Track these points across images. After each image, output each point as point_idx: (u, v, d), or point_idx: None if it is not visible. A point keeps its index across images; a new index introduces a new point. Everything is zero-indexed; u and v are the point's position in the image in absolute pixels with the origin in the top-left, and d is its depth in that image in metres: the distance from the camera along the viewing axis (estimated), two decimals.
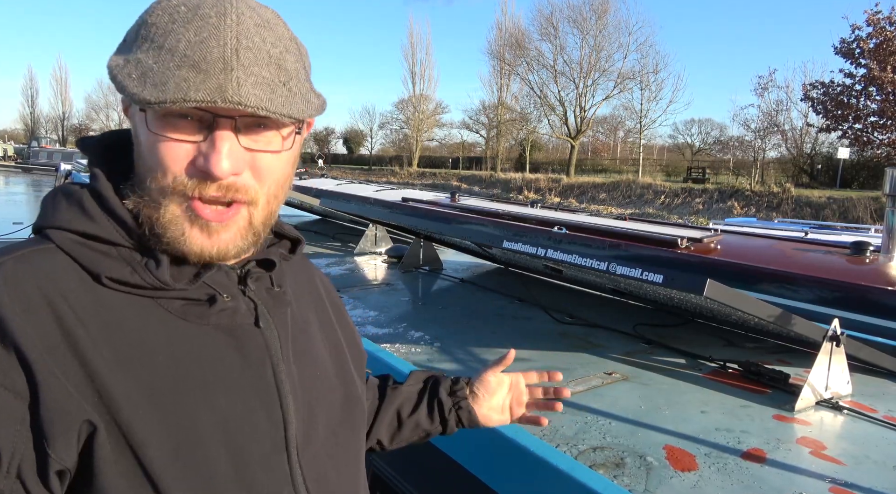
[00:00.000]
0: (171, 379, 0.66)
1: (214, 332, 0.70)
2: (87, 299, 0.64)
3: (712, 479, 1.44)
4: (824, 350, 1.90)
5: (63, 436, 0.60)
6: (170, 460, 0.64)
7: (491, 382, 1.17)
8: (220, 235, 0.69)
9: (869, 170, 27.01)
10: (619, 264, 1.93)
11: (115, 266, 0.66)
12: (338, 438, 0.82)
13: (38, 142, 56.77)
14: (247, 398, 0.70)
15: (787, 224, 8.52)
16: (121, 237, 0.68)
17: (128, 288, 0.67)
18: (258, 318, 0.74)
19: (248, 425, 0.69)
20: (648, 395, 1.95)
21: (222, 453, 0.67)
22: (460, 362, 2.26)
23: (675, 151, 46.60)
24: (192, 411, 0.66)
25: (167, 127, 0.65)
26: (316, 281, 0.94)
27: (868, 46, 22.24)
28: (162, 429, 0.64)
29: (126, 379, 0.63)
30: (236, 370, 0.70)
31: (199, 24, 0.64)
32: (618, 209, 24.14)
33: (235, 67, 0.64)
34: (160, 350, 0.66)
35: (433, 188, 28.10)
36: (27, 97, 70.45)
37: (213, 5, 0.66)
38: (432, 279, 3.80)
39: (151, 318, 0.67)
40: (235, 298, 0.73)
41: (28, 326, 0.60)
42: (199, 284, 0.70)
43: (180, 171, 0.66)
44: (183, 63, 0.63)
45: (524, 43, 40.57)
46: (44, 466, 0.59)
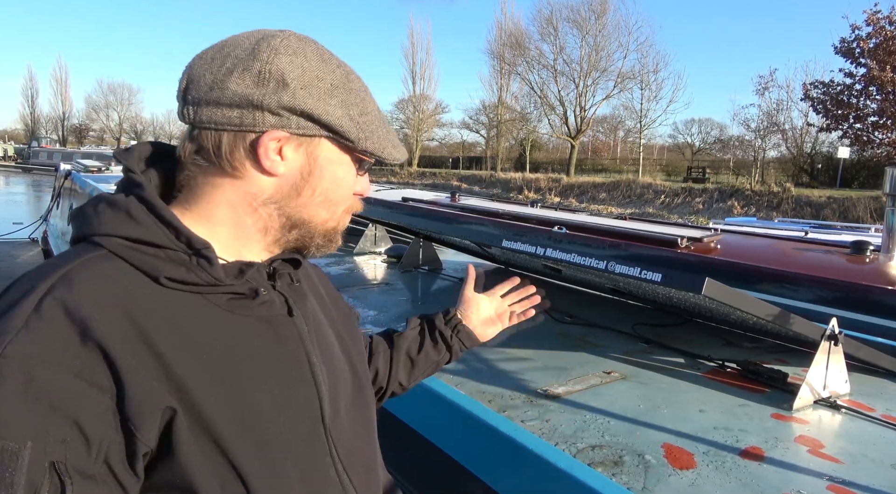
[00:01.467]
0: (228, 365, 0.74)
1: (256, 323, 0.79)
2: (149, 298, 0.71)
3: (710, 477, 1.45)
4: (822, 349, 1.90)
5: (149, 421, 0.67)
6: (238, 437, 0.72)
7: (472, 301, 1.38)
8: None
9: (869, 169, 27.02)
10: (618, 263, 1.94)
11: (169, 266, 0.73)
12: (355, 412, 0.91)
13: (38, 142, 56.81)
14: (289, 380, 0.79)
15: (788, 223, 8.53)
16: (170, 241, 0.74)
17: (184, 286, 0.74)
18: (290, 309, 0.83)
19: (293, 403, 0.79)
20: (647, 394, 1.95)
21: (279, 430, 0.76)
22: (460, 361, 2.25)
23: (675, 151, 46.61)
24: (249, 394, 0.74)
25: (362, 169, 0.88)
26: (312, 274, 1.03)
27: (868, 46, 22.25)
28: (227, 410, 0.72)
29: (193, 366, 0.71)
30: (277, 356, 0.79)
31: (364, 94, 0.85)
32: (618, 209, 24.14)
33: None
34: (216, 340, 0.74)
35: (433, 188, 28.11)
36: (27, 97, 70.41)
37: (352, 72, 0.86)
38: (432, 279, 3.80)
39: (205, 312, 0.75)
40: (270, 292, 0.82)
41: (106, 326, 0.66)
42: (242, 280, 0.79)
43: (352, 196, 0.89)
44: (389, 129, 0.88)
45: (524, 43, 40.58)
46: (132, 450, 0.66)
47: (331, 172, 0.84)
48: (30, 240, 11.99)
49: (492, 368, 2.19)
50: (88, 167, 9.80)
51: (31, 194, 27.87)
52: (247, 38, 0.80)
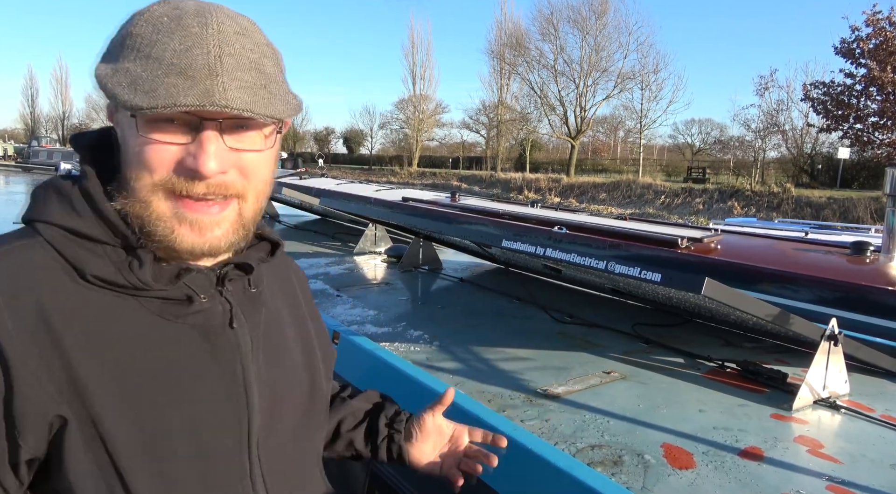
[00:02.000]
0: (145, 374, 0.69)
1: (190, 331, 0.73)
2: (70, 295, 0.67)
3: (710, 477, 1.45)
4: (822, 349, 1.90)
5: (34, 428, 0.64)
6: (136, 451, 0.67)
7: (427, 426, 1.11)
8: (211, 231, 0.73)
9: (869, 170, 27.01)
10: (618, 263, 1.94)
11: (100, 264, 0.69)
12: (301, 430, 0.87)
13: (39, 142, 56.71)
14: (215, 395, 0.74)
15: (788, 224, 8.52)
16: (107, 236, 0.70)
17: (110, 286, 0.69)
18: (232, 319, 0.77)
19: (215, 421, 0.74)
20: (647, 394, 1.95)
21: (187, 447, 0.71)
22: (459, 361, 2.26)
23: (676, 151, 46.61)
24: (162, 406, 0.70)
25: (156, 130, 0.68)
26: (292, 278, 0.98)
27: (868, 47, 22.25)
28: (132, 423, 0.68)
29: (101, 373, 0.67)
30: (207, 368, 0.74)
31: (183, 34, 0.68)
32: (618, 209, 24.14)
33: (220, 73, 0.67)
34: (136, 346, 0.69)
35: (433, 188, 28.09)
36: (27, 97, 70.52)
37: (195, 16, 0.69)
38: (432, 278, 3.80)
39: (131, 316, 0.70)
40: (212, 299, 0.76)
41: (9, 321, 0.63)
42: (178, 285, 0.73)
43: (169, 171, 0.69)
44: (170, 71, 0.66)
45: (524, 43, 40.59)
46: (14, 454, 0.64)
47: (123, 135, 0.72)
48: None
49: (491, 368, 2.19)
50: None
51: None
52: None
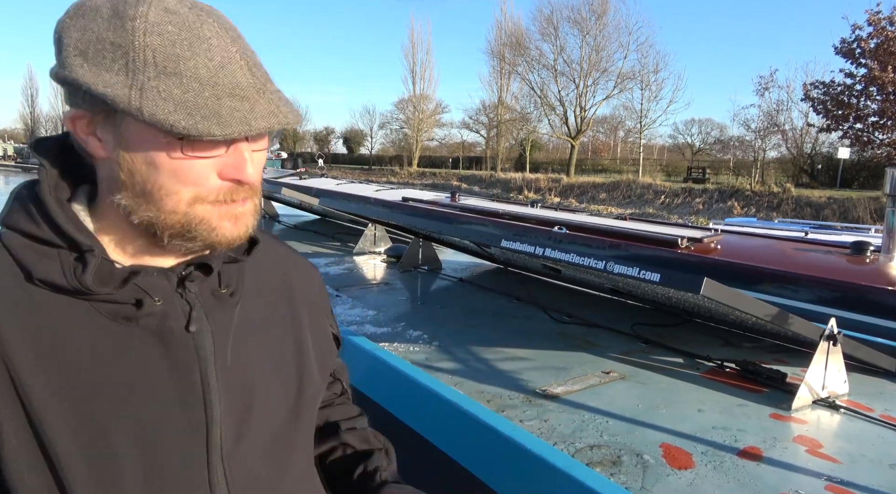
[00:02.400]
0: (89, 379, 0.68)
1: (143, 335, 0.71)
2: (20, 298, 0.67)
3: (709, 477, 1.45)
4: (821, 349, 1.90)
5: None
6: (77, 457, 0.66)
7: None
8: (243, 220, 0.73)
9: (869, 170, 27.00)
10: (617, 264, 1.94)
11: (48, 268, 0.68)
12: (283, 438, 0.82)
13: None
14: (167, 401, 0.71)
15: (788, 224, 8.52)
16: (56, 238, 0.69)
17: (55, 289, 0.68)
18: (189, 322, 0.73)
19: (166, 426, 0.71)
20: (646, 394, 1.95)
21: (133, 453, 0.68)
22: (459, 361, 2.26)
23: (676, 151, 46.60)
24: (105, 411, 0.68)
25: (198, 148, 0.68)
26: (291, 276, 0.93)
27: (869, 46, 22.25)
28: (74, 431, 0.66)
29: (43, 376, 0.66)
30: (160, 373, 0.71)
31: (205, 47, 0.67)
32: (618, 209, 24.13)
33: (262, 88, 0.69)
34: (83, 350, 0.68)
35: (433, 188, 28.10)
36: (27, 97, 70.37)
37: (199, 22, 0.68)
38: (431, 278, 3.80)
39: (81, 319, 0.69)
40: (170, 301, 0.73)
41: None
42: (129, 287, 0.70)
43: (211, 182, 0.70)
44: (220, 92, 0.66)
45: (524, 43, 40.59)
46: None
47: (142, 153, 0.68)
48: None
49: (491, 368, 2.19)
50: None
51: None
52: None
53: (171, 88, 0.65)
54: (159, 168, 0.68)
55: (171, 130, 0.64)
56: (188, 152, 0.68)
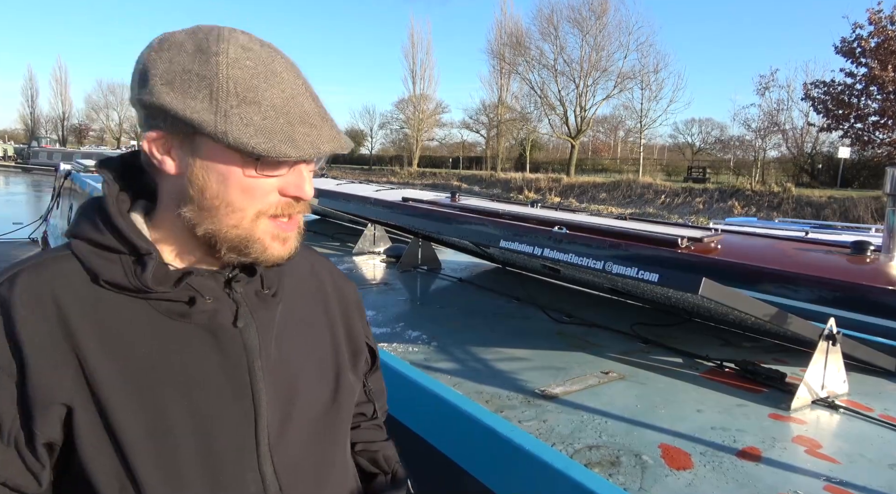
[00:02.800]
0: (149, 370, 0.75)
1: (197, 331, 0.79)
2: (88, 298, 0.75)
3: (707, 478, 1.44)
4: (820, 349, 1.90)
5: (42, 414, 0.71)
6: (142, 442, 0.73)
7: None
8: (290, 242, 0.83)
9: (870, 169, 26.96)
10: (617, 264, 1.94)
11: (112, 270, 0.77)
12: (323, 430, 0.90)
13: (38, 143, 56.76)
14: (220, 391, 0.78)
15: (788, 223, 8.53)
16: (121, 246, 0.78)
17: (119, 290, 0.77)
18: (237, 318, 0.81)
19: (219, 415, 0.78)
20: (645, 394, 1.95)
21: (192, 439, 0.76)
22: (458, 361, 2.26)
23: (676, 151, 46.57)
24: (165, 400, 0.75)
25: (268, 168, 0.77)
26: (325, 281, 1.01)
27: (869, 45, 22.24)
28: (136, 414, 0.73)
29: (109, 367, 0.73)
30: (213, 366, 0.79)
31: (278, 80, 0.77)
32: (618, 209, 24.13)
33: (326, 116, 0.80)
34: (144, 344, 0.76)
35: (433, 188, 28.11)
36: (27, 97, 70.53)
37: (271, 58, 0.78)
38: (430, 279, 3.80)
39: (141, 316, 0.77)
40: (219, 300, 0.81)
41: (32, 318, 0.72)
42: (182, 287, 0.79)
43: (273, 199, 0.79)
44: (294, 119, 0.76)
45: (524, 42, 40.58)
46: (32, 438, 0.72)
47: (216, 172, 0.77)
48: (29, 240, 11.99)
49: (489, 368, 2.18)
50: (88, 167, 9.78)
51: (31, 194, 27.89)
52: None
53: (251, 115, 0.74)
54: (231, 185, 0.77)
55: (252, 152, 0.74)
56: (261, 171, 0.77)
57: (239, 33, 0.78)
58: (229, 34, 0.77)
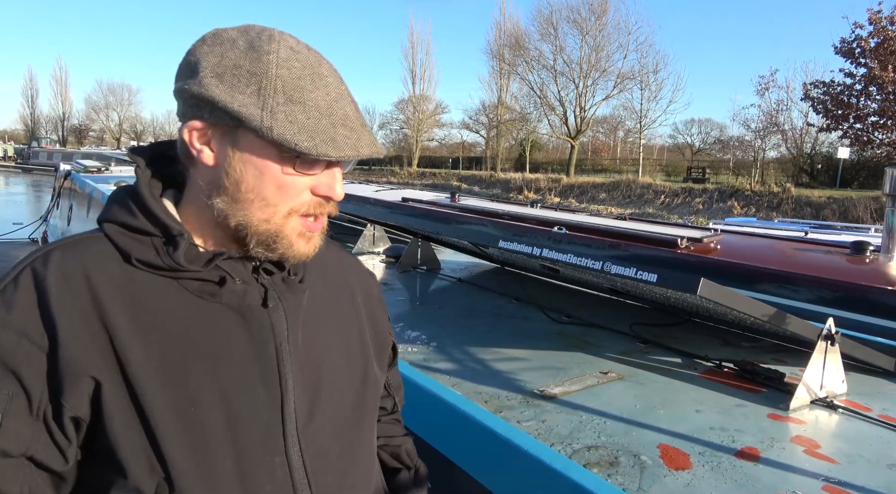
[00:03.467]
0: (179, 347, 0.76)
1: (226, 311, 0.80)
2: (119, 277, 0.77)
3: (706, 478, 1.44)
4: (819, 349, 1.90)
5: (71, 387, 0.72)
6: (171, 418, 0.74)
7: None
8: (314, 241, 0.84)
9: (869, 169, 26.95)
10: (616, 264, 1.94)
11: (144, 250, 0.78)
12: (348, 418, 0.90)
13: (38, 143, 56.77)
14: (248, 371, 0.79)
15: (788, 224, 8.52)
16: (152, 228, 0.80)
17: (151, 268, 0.78)
18: (266, 300, 0.82)
19: (246, 396, 0.78)
20: (644, 394, 1.95)
21: (220, 418, 0.76)
22: (457, 362, 2.26)
23: (675, 151, 46.57)
24: (195, 377, 0.76)
25: (304, 166, 0.79)
26: (351, 276, 1.03)
27: (869, 46, 22.25)
28: (165, 391, 0.74)
29: (139, 343, 0.74)
30: (241, 346, 0.79)
31: (323, 83, 0.79)
32: (618, 209, 24.12)
33: (364, 123, 0.82)
34: (174, 321, 0.77)
35: (433, 188, 28.09)
36: (27, 98, 70.40)
37: (318, 63, 0.80)
38: (430, 279, 3.80)
39: (171, 295, 0.78)
40: (248, 283, 0.82)
41: (64, 295, 0.73)
42: (212, 267, 0.80)
43: (305, 197, 0.81)
44: (335, 122, 0.78)
45: (524, 43, 40.57)
46: (59, 412, 0.72)
47: (254, 166, 0.78)
48: (30, 240, 11.99)
49: (488, 368, 2.18)
50: (88, 167, 9.78)
51: (31, 194, 27.88)
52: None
53: (296, 114, 0.76)
54: (267, 180, 0.79)
55: (294, 148, 0.76)
56: (299, 169, 0.79)
57: (287, 36, 0.81)
58: (279, 36, 0.80)
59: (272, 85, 0.76)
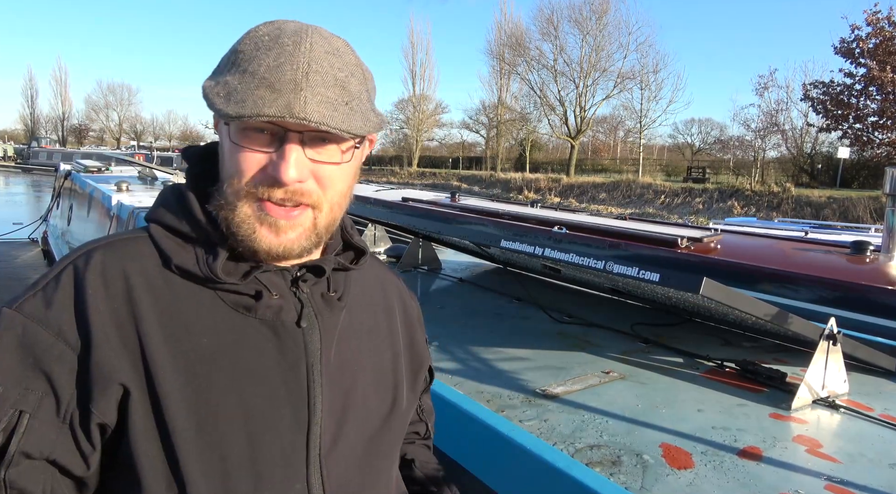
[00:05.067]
0: (208, 360, 0.74)
1: (259, 326, 0.77)
2: (157, 281, 0.75)
3: (708, 477, 1.45)
4: (821, 348, 1.90)
5: (101, 393, 0.70)
6: (192, 433, 0.71)
7: None
8: (286, 234, 0.77)
9: (869, 169, 26.97)
10: (617, 263, 1.94)
11: (185, 257, 0.76)
12: (374, 446, 0.85)
13: (38, 143, 56.73)
14: (275, 391, 0.76)
15: (788, 223, 8.54)
16: (193, 232, 0.78)
17: (188, 276, 0.76)
18: (301, 318, 0.79)
19: (271, 417, 0.75)
20: (645, 394, 1.95)
21: (241, 438, 0.73)
22: (458, 361, 2.26)
23: (675, 151, 46.59)
24: (221, 393, 0.73)
25: (246, 139, 0.74)
26: (392, 295, 0.99)
27: (868, 46, 22.27)
28: (190, 404, 0.72)
29: (169, 353, 0.72)
30: (272, 363, 0.76)
31: (278, 51, 0.73)
32: (618, 209, 24.12)
33: (304, 88, 0.72)
34: (206, 333, 0.75)
35: (433, 188, 28.08)
36: (27, 97, 70.48)
37: (292, 35, 0.75)
38: (431, 279, 3.80)
39: (206, 305, 0.76)
40: (285, 298, 0.79)
41: (102, 297, 0.72)
42: (250, 280, 0.77)
43: (253, 177, 0.75)
44: (261, 84, 0.72)
45: (524, 43, 40.59)
46: (87, 418, 0.69)
47: (223, 147, 0.78)
48: (29, 240, 11.99)
49: (490, 368, 2.18)
50: (88, 167, 9.77)
51: (31, 194, 27.88)
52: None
53: (233, 81, 0.73)
54: (224, 155, 0.77)
55: (217, 112, 0.72)
56: (237, 140, 0.74)
57: (294, 22, 0.78)
58: (276, 20, 0.78)
59: (234, 60, 0.75)
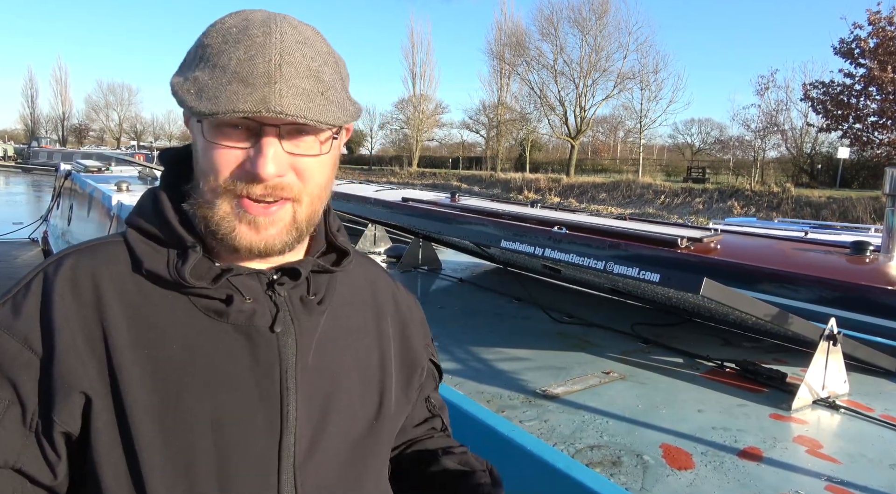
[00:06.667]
0: (178, 366, 0.71)
1: (232, 331, 0.75)
2: (129, 286, 0.73)
3: (708, 477, 1.45)
4: (821, 349, 1.90)
5: (62, 401, 0.68)
6: (158, 442, 0.69)
7: None
8: (267, 230, 0.75)
9: (869, 169, 26.96)
10: (617, 264, 1.94)
11: (156, 261, 0.74)
12: (359, 451, 0.82)
13: (38, 143, 56.72)
14: (247, 398, 0.73)
15: (788, 224, 8.53)
16: (165, 236, 0.76)
17: (159, 281, 0.74)
18: (275, 322, 0.76)
19: (243, 425, 0.72)
20: (646, 394, 1.95)
21: (209, 445, 0.70)
22: (458, 361, 2.26)
23: (675, 151, 46.58)
24: (190, 400, 0.71)
25: (221, 135, 0.72)
26: (383, 297, 0.95)
27: (868, 46, 22.27)
28: (156, 412, 0.69)
29: (138, 360, 0.70)
30: (244, 369, 0.74)
31: (248, 44, 0.70)
32: (618, 209, 24.12)
33: (278, 80, 0.70)
34: (176, 339, 0.72)
35: (433, 188, 28.08)
36: (27, 97, 70.44)
37: (261, 25, 0.72)
38: (431, 279, 3.80)
39: (178, 310, 0.74)
40: (259, 302, 0.76)
41: (70, 304, 0.70)
42: (221, 284, 0.75)
43: (231, 174, 0.72)
44: (233, 78, 0.69)
45: (524, 43, 40.60)
46: (50, 427, 0.68)
47: (197, 144, 0.75)
48: (30, 240, 11.99)
49: (490, 368, 2.18)
50: (88, 167, 9.78)
51: (31, 194, 27.87)
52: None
53: (203, 77, 0.70)
54: (198, 153, 0.75)
55: (189, 110, 0.70)
56: (211, 137, 0.72)
57: (261, 11, 0.75)
58: (242, 10, 0.74)
59: (201, 54, 0.72)
